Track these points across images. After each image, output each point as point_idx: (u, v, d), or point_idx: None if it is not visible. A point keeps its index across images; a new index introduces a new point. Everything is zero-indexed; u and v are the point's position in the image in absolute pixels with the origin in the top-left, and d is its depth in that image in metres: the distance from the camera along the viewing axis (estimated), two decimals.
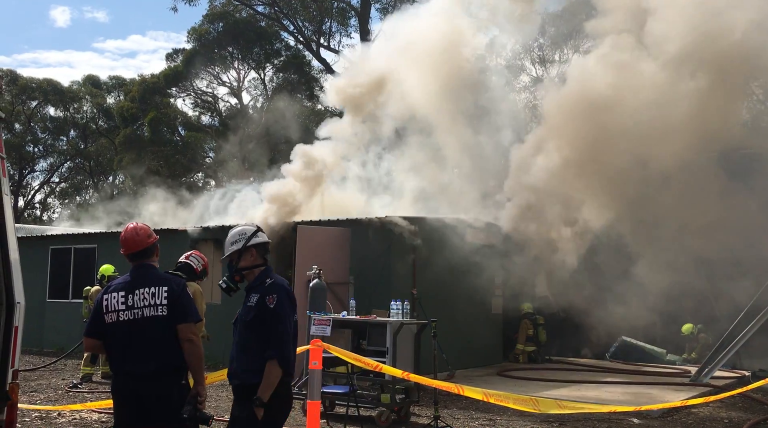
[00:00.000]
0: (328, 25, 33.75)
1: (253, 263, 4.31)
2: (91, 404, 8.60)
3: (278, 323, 4.07)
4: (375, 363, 7.22)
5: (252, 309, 4.14)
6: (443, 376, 10.38)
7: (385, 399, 8.56)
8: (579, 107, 12.29)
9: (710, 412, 9.58)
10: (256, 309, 4.11)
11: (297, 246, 11.59)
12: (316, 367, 6.65)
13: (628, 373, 13.02)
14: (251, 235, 4.32)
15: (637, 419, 8.92)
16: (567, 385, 11.58)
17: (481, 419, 8.97)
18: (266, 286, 4.17)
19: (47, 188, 47.92)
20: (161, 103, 35.24)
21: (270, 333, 4.04)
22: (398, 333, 8.81)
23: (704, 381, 11.44)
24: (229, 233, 4.42)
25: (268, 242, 4.41)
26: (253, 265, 4.31)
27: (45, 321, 16.65)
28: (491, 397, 6.40)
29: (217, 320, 13.20)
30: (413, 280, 12.07)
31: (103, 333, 4.49)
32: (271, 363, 3.99)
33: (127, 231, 4.66)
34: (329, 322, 8.64)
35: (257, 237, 4.33)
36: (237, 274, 4.31)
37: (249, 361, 4.06)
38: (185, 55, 34.83)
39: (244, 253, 4.29)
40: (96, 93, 43.55)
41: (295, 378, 10.88)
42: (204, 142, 37.33)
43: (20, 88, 40.99)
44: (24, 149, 43.28)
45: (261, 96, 37.63)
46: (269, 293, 4.12)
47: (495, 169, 14.34)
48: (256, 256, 4.32)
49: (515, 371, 13.07)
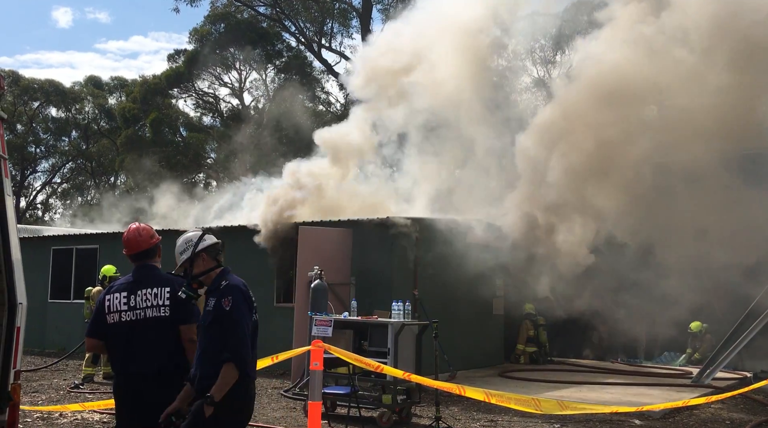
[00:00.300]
0: (329, 26, 33.79)
1: (207, 267, 4.25)
2: (93, 404, 8.60)
3: (235, 326, 4.02)
4: (376, 363, 7.22)
5: (210, 314, 4.09)
6: (444, 377, 10.37)
7: (386, 400, 8.56)
8: (597, 93, 11.58)
9: (712, 413, 9.56)
10: (213, 313, 4.07)
11: (298, 247, 11.59)
12: (317, 368, 6.65)
13: (629, 374, 13.01)
14: (198, 241, 4.27)
15: (639, 420, 8.91)
16: (568, 386, 11.58)
17: (483, 420, 8.97)
18: (221, 289, 4.13)
19: (49, 189, 48.04)
20: (163, 104, 35.29)
21: (226, 335, 4.00)
22: (400, 334, 8.81)
23: (706, 382, 11.43)
24: (177, 243, 4.39)
25: (218, 243, 4.35)
26: (208, 269, 4.25)
27: (47, 322, 16.67)
28: (493, 398, 6.40)
29: None
30: (415, 281, 12.07)
31: (105, 334, 4.49)
32: (227, 365, 3.94)
33: (129, 231, 4.68)
34: (330, 323, 8.64)
35: (204, 240, 4.28)
36: (194, 282, 4.24)
37: (208, 366, 4.02)
38: (187, 56, 34.86)
39: (195, 260, 4.24)
40: (98, 94, 43.61)
41: (296, 381, 10.91)
42: (206, 143, 37.37)
43: (22, 88, 41.05)
44: (26, 150, 43.35)
45: (263, 97, 37.71)
46: (224, 296, 4.07)
47: (499, 168, 14.25)
48: (207, 260, 4.26)
49: (516, 372, 13.06)
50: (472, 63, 13.77)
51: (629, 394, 10.80)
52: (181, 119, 37.08)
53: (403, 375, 7.25)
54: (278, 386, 11.37)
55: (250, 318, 4.13)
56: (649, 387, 11.45)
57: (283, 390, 10.84)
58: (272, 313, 13.27)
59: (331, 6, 33.21)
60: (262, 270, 13.46)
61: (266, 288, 13.49)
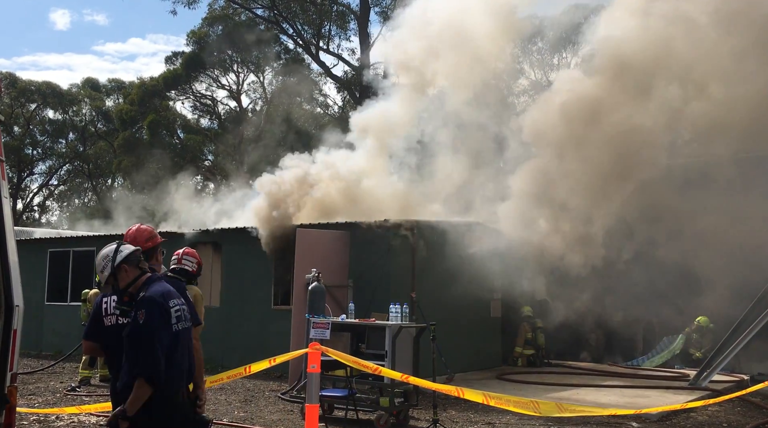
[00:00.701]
0: (327, 28, 33.77)
1: (131, 278, 4.18)
2: (89, 407, 8.58)
3: (146, 340, 3.94)
4: (374, 366, 7.21)
5: (129, 325, 4.05)
6: (442, 379, 10.36)
7: (384, 403, 8.55)
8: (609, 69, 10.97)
9: (709, 416, 9.57)
10: (131, 325, 4.02)
11: (296, 250, 11.58)
12: (314, 370, 6.64)
13: (626, 377, 13.01)
14: (114, 254, 4.20)
15: (636, 422, 8.92)
16: (566, 388, 11.58)
17: (480, 422, 8.96)
18: (138, 301, 4.08)
19: (46, 191, 47.95)
20: (160, 106, 35.24)
21: (138, 350, 3.94)
22: (397, 337, 8.80)
23: (703, 385, 11.44)
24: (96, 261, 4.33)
25: (136, 250, 4.27)
26: (133, 280, 4.18)
27: (43, 324, 16.63)
28: (492, 400, 6.39)
29: (215, 322, 13.21)
30: (412, 283, 12.07)
31: (102, 337, 4.48)
32: (138, 380, 3.89)
33: (128, 233, 4.69)
34: (328, 325, 8.64)
35: (121, 252, 4.21)
36: (125, 295, 4.17)
37: (126, 377, 3.98)
38: (184, 58, 34.84)
39: (118, 273, 4.17)
40: (95, 96, 43.57)
41: (293, 383, 10.89)
42: (203, 145, 37.33)
43: (19, 90, 40.99)
44: (23, 152, 43.25)
45: (260, 99, 37.69)
46: (138, 309, 4.02)
47: (498, 169, 14.24)
48: (130, 270, 4.19)
49: (514, 374, 13.06)
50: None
51: (626, 396, 10.81)
52: (178, 121, 37.05)
53: (400, 377, 7.24)
54: (276, 388, 11.35)
55: (168, 330, 4.03)
56: (646, 390, 11.45)
57: (281, 393, 10.82)
58: (270, 316, 13.26)
59: (328, 8, 33.20)
60: (261, 272, 13.46)
61: (264, 290, 13.48)
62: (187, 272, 6.53)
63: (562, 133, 11.98)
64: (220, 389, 10.88)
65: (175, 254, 6.67)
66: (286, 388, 11.09)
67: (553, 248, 11.99)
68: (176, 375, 4.07)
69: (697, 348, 14.27)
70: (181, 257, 6.61)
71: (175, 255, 6.66)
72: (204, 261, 7.68)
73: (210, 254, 13.94)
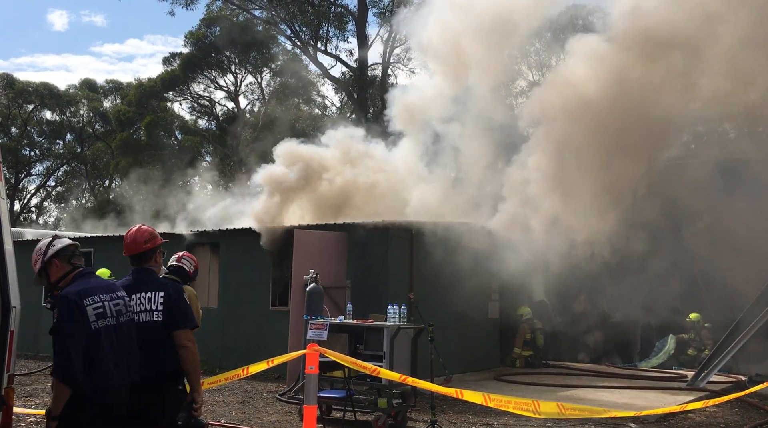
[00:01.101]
0: (325, 29, 33.75)
1: (61, 273, 4.13)
2: None
3: (59, 339, 3.90)
4: (372, 367, 7.19)
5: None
6: (440, 380, 10.35)
7: (382, 404, 8.54)
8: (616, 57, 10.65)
9: (707, 417, 9.57)
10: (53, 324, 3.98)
11: (294, 251, 11.57)
12: (312, 371, 6.62)
13: (624, 377, 13.01)
14: (46, 248, 4.15)
15: (634, 423, 8.92)
16: (564, 389, 11.57)
17: (478, 424, 8.95)
18: (54, 299, 4.01)
19: (43, 192, 47.87)
20: (158, 107, 35.23)
21: (54, 350, 3.90)
22: (395, 338, 8.79)
23: (701, 386, 11.44)
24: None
25: (70, 245, 4.22)
26: (63, 275, 4.12)
27: (41, 326, 16.56)
28: (491, 401, 6.37)
29: (213, 324, 13.19)
30: (410, 284, 12.06)
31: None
32: (54, 380, 3.87)
33: (128, 234, 4.68)
34: (326, 326, 8.62)
35: (53, 246, 4.16)
36: (55, 289, 4.11)
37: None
38: (182, 59, 34.82)
39: (49, 267, 4.12)
40: (93, 97, 43.51)
41: (291, 385, 10.87)
42: (201, 146, 37.30)
43: (17, 91, 40.94)
44: (20, 153, 43.18)
45: (258, 100, 37.67)
46: (54, 307, 3.97)
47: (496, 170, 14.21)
48: (61, 265, 4.13)
49: (512, 375, 13.05)
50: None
51: (624, 397, 10.80)
52: (176, 122, 37.03)
53: (398, 378, 7.22)
54: (273, 390, 11.33)
55: (83, 328, 3.92)
56: (644, 391, 11.45)
57: (279, 394, 10.80)
58: (268, 317, 13.24)
59: (326, 9, 33.19)
60: (259, 273, 13.43)
61: (262, 291, 13.46)
62: (185, 272, 6.53)
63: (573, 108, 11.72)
64: (217, 390, 10.86)
65: (175, 255, 6.69)
66: (284, 389, 11.07)
67: (553, 248, 11.98)
68: (100, 375, 3.94)
69: (692, 346, 14.28)
70: (181, 257, 6.63)
71: (175, 256, 6.68)
72: (202, 262, 7.69)
73: (208, 255, 13.92)
